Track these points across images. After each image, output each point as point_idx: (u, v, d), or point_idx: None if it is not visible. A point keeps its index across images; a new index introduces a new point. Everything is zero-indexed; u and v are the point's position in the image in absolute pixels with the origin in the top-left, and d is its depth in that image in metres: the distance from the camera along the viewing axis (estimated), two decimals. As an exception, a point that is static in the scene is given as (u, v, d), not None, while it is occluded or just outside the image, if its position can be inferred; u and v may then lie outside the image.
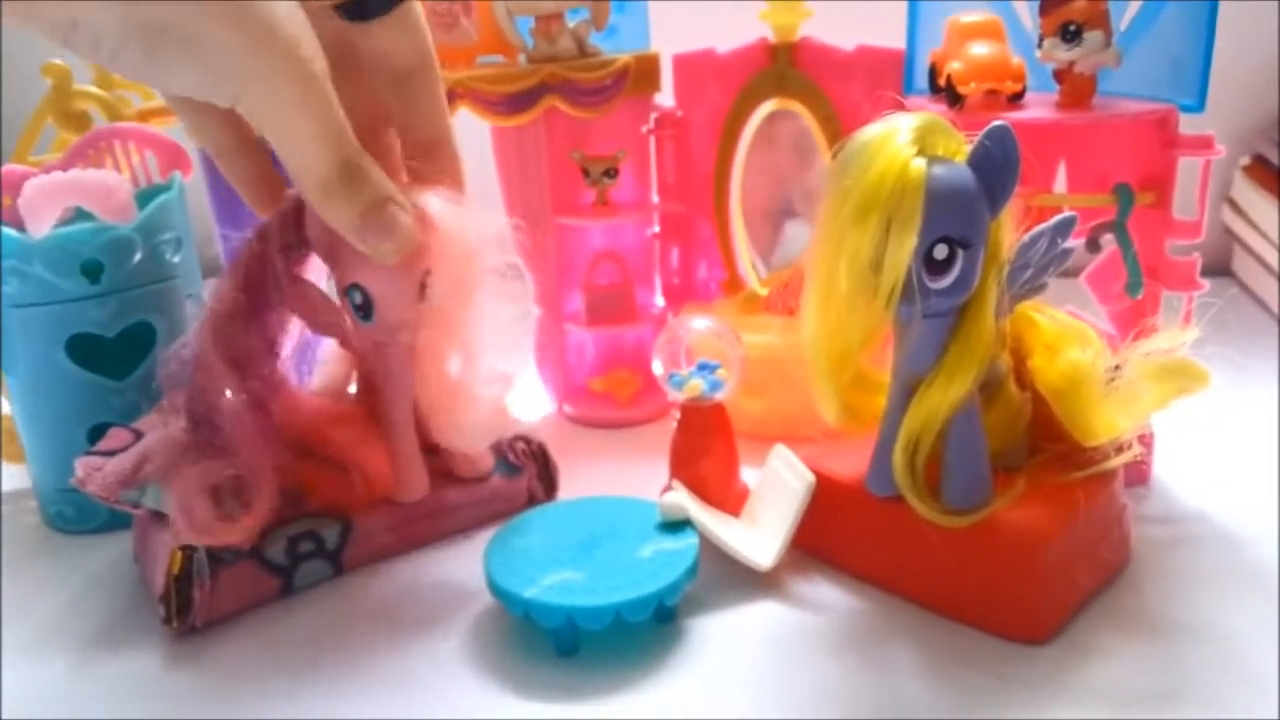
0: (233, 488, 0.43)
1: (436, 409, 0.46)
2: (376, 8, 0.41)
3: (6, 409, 0.56)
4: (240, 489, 0.43)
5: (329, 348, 0.51)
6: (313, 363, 0.51)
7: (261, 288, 0.44)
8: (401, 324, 0.45)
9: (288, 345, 0.46)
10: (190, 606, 0.43)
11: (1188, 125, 0.47)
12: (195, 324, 0.44)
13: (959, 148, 0.38)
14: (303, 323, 0.46)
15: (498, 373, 0.47)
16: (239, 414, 0.43)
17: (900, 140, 0.37)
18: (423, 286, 0.44)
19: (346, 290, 0.44)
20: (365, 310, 0.44)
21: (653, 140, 0.62)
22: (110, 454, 0.45)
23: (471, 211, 0.44)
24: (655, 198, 0.64)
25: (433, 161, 0.45)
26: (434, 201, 0.43)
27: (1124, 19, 0.49)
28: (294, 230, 0.44)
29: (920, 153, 0.37)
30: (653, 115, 0.62)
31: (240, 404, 0.43)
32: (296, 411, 0.46)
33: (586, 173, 0.59)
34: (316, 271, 0.46)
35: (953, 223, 0.37)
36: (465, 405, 0.46)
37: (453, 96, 0.56)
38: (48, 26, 0.33)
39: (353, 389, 0.51)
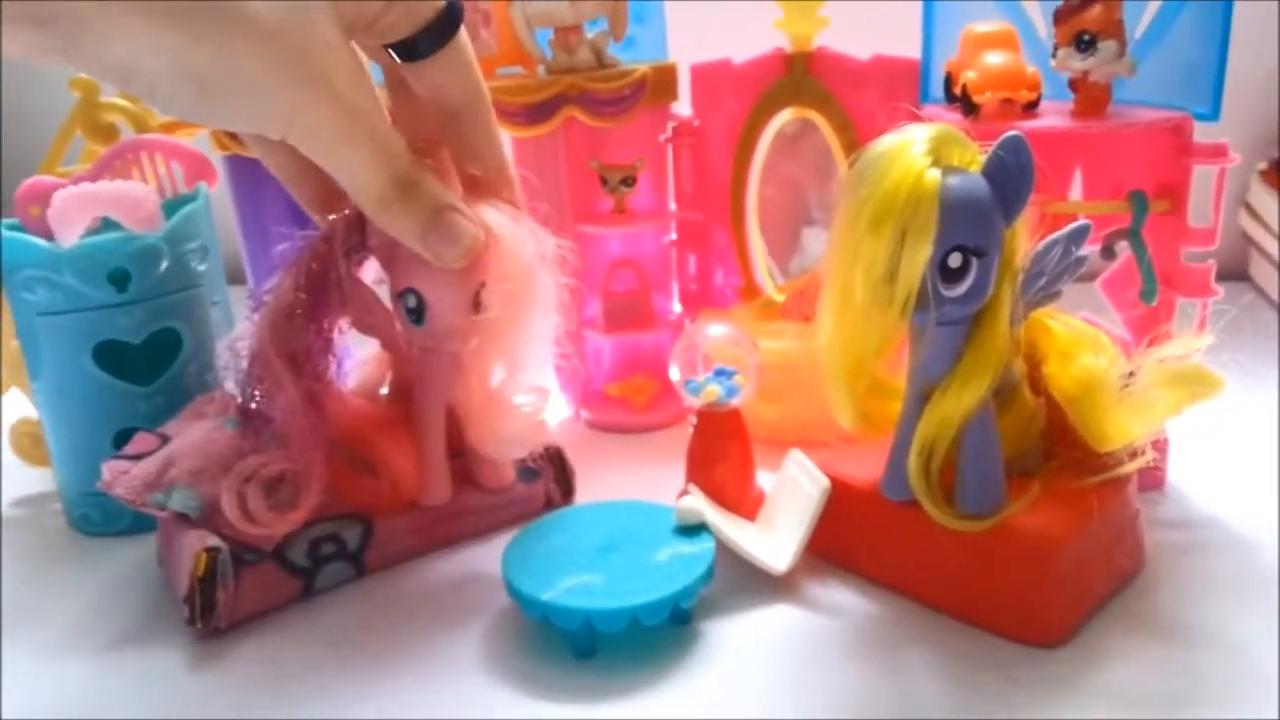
0: (281, 481, 0.44)
1: (478, 418, 0.48)
2: (425, 47, 0.42)
3: (32, 413, 0.57)
4: (289, 483, 0.44)
5: (367, 349, 0.52)
6: (345, 363, 0.52)
7: (323, 288, 0.45)
8: (451, 331, 0.46)
9: (341, 346, 0.47)
10: (214, 608, 0.43)
11: (1206, 131, 0.47)
12: (253, 320, 0.45)
13: (974, 157, 0.39)
14: (350, 322, 0.47)
15: (535, 385, 0.49)
16: (294, 410, 0.44)
17: (915, 151, 0.38)
18: (477, 299, 0.45)
19: (401, 294, 0.46)
20: (418, 315, 0.45)
21: (670, 149, 0.63)
22: (136, 458, 0.46)
23: (529, 228, 0.46)
24: (673, 206, 0.64)
25: (490, 186, 0.46)
26: (494, 215, 0.44)
27: (1138, 28, 0.50)
28: (358, 234, 0.45)
29: (935, 163, 0.38)
30: (670, 124, 0.62)
31: (296, 400, 0.44)
32: (342, 411, 0.47)
33: (605, 181, 0.60)
34: (367, 274, 0.48)
35: (967, 232, 0.37)
36: (505, 415, 0.48)
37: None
38: (101, 73, 0.35)
39: (383, 391, 0.52)
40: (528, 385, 0.49)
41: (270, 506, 0.44)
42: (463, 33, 0.43)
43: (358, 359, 0.52)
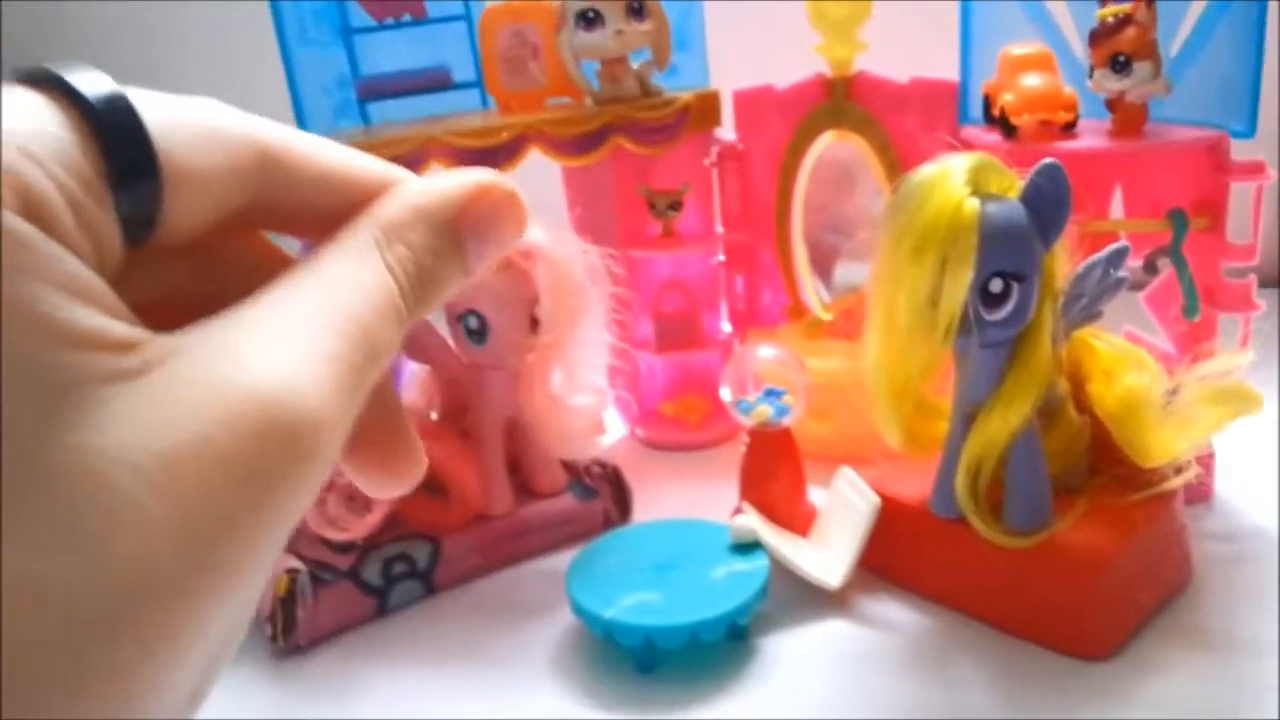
0: (340, 480, 0.47)
1: (544, 422, 0.51)
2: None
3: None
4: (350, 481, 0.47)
5: (413, 376, 0.54)
6: (403, 376, 0.54)
7: None
8: (511, 348, 0.49)
9: (399, 358, 0.50)
10: (295, 625, 0.46)
11: (1242, 149, 0.47)
12: None
13: (1012, 184, 0.40)
14: (403, 350, 0.50)
15: (593, 385, 0.52)
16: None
17: (954, 180, 0.39)
18: (534, 319, 0.48)
19: (461, 316, 0.49)
20: (479, 334, 0.49)
21: (715, 173, 0.65)
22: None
23: (577, 245, 0.49)
24: (719, 228, 0.66)
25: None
26: (543, 235, 0.47)
27: (1174, 45, 0.50)
28: None
29: (974, 191, 0.39)
30: (715, 149, 0.64)
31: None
32: None
33: (652, 206, 0.62)
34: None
35: (1007, 258, 0.39)
36: (569, 416, 0.51)
37: (524, 140, 0.58)
38: None
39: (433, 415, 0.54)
40: (585, 386, 0.52)
41: (349, 510, 0.47)
42: None
43: (411, 372, 0.54)
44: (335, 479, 0.46)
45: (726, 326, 0.68)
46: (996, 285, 0.39)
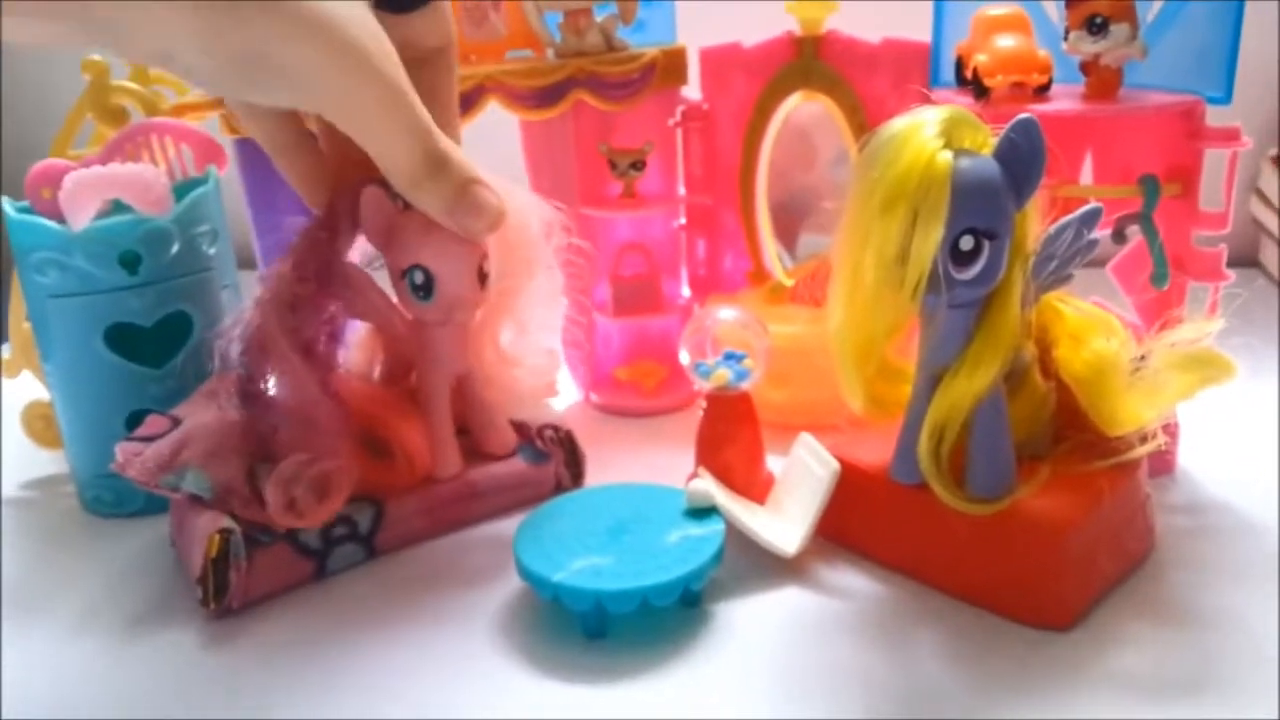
0: (308, 472, 0.45)
1: (494, 379, 0.50)
2: (415, 1, 0.43)
3: (44, 396, 0.58)
4: (317, 474, 0.45)
5: (356, 333, 0.52)
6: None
7: (327, 276, 0.45)
8: (460, 303, 0.47)
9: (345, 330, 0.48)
10: (227, 588, 0.44)
11: (1217, 116, 0.47)
12: (252, 307, 0.45)
13: (985, 140, 0.39)
14: (344, 308, 0.48)
15: (544, 347, 0.51)
16: (317, 402, 0.45)
17: (927, 133, 0.38)
18: (482, 273, 0.46)
19: (405, 272, 0.46)
20: (426, 290, 0.46)
21: (679, 133, 0.63)
22: (149, 440, 0.47)
23: (530, 197, 0.47)
24: (682, 190, 0.64)
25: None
26: (498, 185, 0.45)
27: (1151, 11, 0.49)
28: (353, 215, 0.46)
29: (947, 145, 0.38)
30: (679, 108, 0.62)
31: (316, 392, 0.45)
32: (348, 393, 0.48)
33: (614, 165, 0.60)
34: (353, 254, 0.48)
35: (978, 215, 0.37)
36: (519, 374, 0.50)
37: (482, 90, 0.56)
38: (142, 58, 0.37)
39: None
40: (537, 346, 0.51)
41: (314, 499, 0.44)
42: None
43: (353, 330, 0.52)
44: (303, 472, 0.44)
45: (686, 291, 0.66)
46: (967, 243, 0.38)
